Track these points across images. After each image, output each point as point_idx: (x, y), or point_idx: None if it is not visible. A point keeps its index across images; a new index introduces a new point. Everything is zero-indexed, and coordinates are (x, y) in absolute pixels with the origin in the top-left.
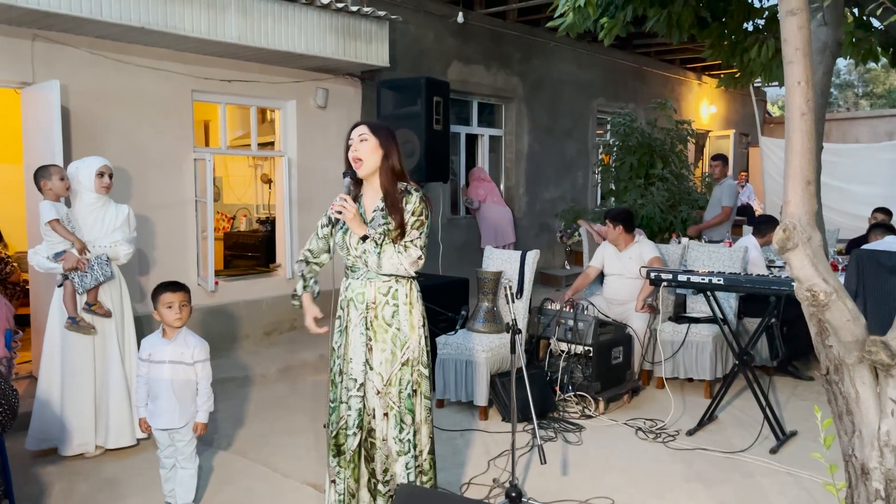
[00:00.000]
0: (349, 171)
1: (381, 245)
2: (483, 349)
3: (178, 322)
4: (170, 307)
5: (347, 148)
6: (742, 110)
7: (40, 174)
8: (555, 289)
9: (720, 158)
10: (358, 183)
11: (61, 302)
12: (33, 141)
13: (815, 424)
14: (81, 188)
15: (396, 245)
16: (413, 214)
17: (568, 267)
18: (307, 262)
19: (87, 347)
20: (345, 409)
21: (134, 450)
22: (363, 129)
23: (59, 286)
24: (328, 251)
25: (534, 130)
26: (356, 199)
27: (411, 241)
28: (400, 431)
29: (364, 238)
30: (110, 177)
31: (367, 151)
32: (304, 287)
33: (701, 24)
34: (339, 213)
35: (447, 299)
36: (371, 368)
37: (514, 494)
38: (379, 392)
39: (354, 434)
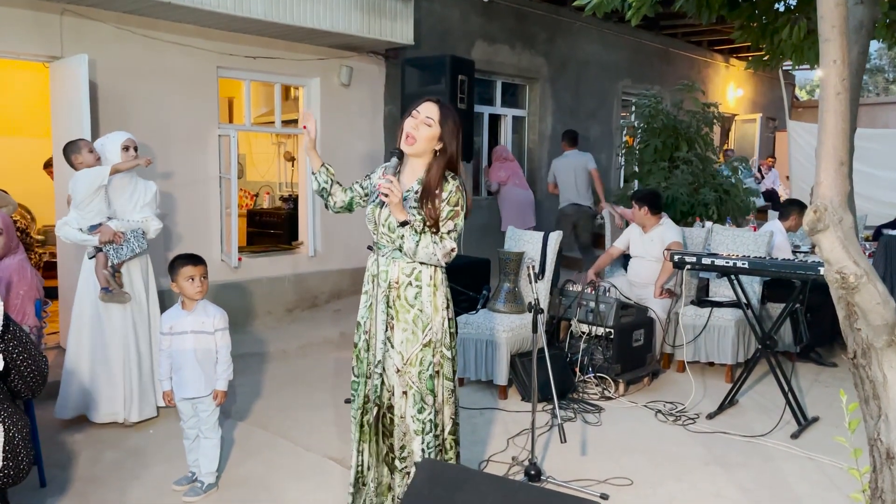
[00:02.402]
0: (398, 150)
1: (420, 234)
2: (504, 329)
3: (198, 295)
4: (191, 280)
5: (408, 115)
6: (769, 94)
7: (70, 149)
8: (576, 271)
9: (565, 136)
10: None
11: (89, 274)
12: (61, 115)
13: (837, 411)
14: (109, 163)
15: (433, 235)
16: (448, 204)
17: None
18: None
19: (117, 318)
20: (368, 384)
21: (157, 421)
22: (434, 111)
23: (91, 258)
24: (346, 206)
25: (558, 112)
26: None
27: (447, 232)
28: (420, 411)
29: (403, 224)
30: (136, 150)
31: (425, 137)
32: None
33: (731, 4)
34: (386, 195)
35: (469, 279)
36: (392, 347)
37: (533, 472)
38: (399, 371)
39: (372, 408)
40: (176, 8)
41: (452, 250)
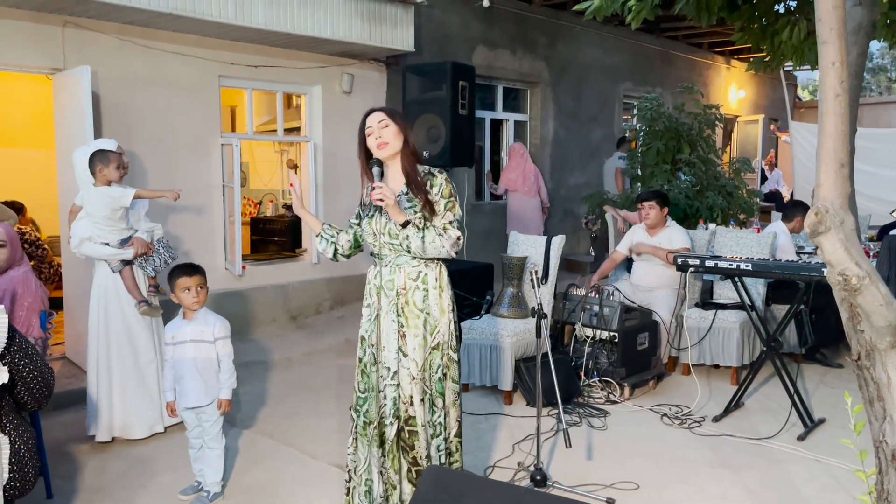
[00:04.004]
0: (375, 160)
1: (424, 229)
2: (508, 334)
3: (195, 305)
4: (187, 291)
5: (364, 137)
6: (772, 95)
7: (99, 158)
8: (579, 274)
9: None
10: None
11: (105, 291)
12: (65, 126)
13: (843, 412)
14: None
15: (435, 228)
16: (443, 197)
17: (592, 253)
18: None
19: (149, 332)
20: (382, 399)
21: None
22: (381, 115)
23: (116, 272)
24: (354, 245)
25: (559, 116)
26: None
27: (449, 222)
28: (432, 414)
29: (405, 224)
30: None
31: (391, 136)
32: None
33: (731, 6)
34: (381, 200)
35: (472, 284)
36: (405, 355)
37: (538, 478)
38: (414, 378)
39: (392, 423)
40: (177, 18)
41: (459, 238)
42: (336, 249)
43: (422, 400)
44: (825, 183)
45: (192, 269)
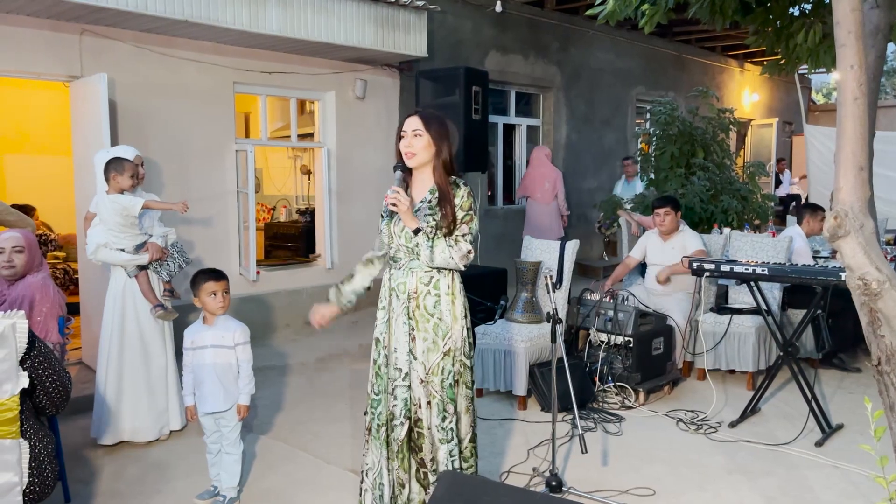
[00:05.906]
0: (400, 164)
1: (434, 239)
2: (522, 339)
3: (220, 310)
4: (213, 295)
5: (399, 138)
6: (786, 98)
7: (114, 166)
8: (594, 279)
9: None
10: (408, 173)
11: (119, 294)
12: (82, 133)
13: (861, 417)
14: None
15: (447, 239)
16: (461, 209)
17: (606, 258)
18: (354, 277)
19: (161, 337)
20: (392, 400)
21: (179, 435)
22: (417, 123)
23: (132, 277)
24: (380, 265)
25: (572, 120)
26: (405, 190)
27: (462, 235)
28: (443, 420)
29: (416, 231)
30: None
31: (421, 147)
32: (336, 298)
33: (745, 9)
34: (394, 205)
35: (486, 289)
36: (415, 358)
37: (554, 483)
38: (422, 381)
39: (402, 424)
40: (192, 25)
41: (469, 252)
42: (367, 287)
43: (428, 403)
44: (844, 187)
45: (219, 275)
